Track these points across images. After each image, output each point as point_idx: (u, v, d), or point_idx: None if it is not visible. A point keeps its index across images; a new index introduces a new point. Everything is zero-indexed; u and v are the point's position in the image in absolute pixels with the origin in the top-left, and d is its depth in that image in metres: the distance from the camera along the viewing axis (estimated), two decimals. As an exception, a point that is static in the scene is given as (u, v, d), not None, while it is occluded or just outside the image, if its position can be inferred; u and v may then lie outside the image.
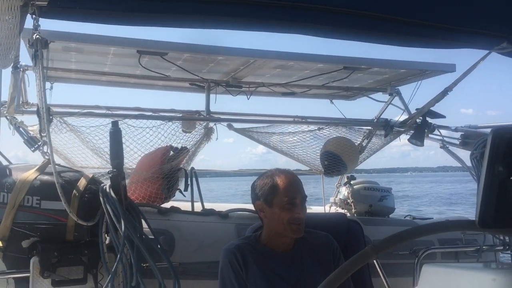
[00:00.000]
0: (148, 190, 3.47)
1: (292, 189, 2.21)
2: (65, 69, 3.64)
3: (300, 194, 2.22)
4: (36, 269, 2.39)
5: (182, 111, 3.86)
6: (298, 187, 2.24)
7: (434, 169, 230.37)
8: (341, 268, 0.90)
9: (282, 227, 2.20)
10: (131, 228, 2.32)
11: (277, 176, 2.25)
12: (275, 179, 2.23)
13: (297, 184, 2.25)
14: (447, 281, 0.92)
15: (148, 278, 2.41)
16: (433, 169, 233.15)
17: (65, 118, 3.43)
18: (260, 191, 2.26)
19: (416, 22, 2.16)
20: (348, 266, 0.90)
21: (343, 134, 4.37)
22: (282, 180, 2.22)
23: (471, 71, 3.37)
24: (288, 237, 2.25)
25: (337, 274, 0.90)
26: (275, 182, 2.22)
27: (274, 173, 2.27)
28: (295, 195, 2.19)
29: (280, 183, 2.21)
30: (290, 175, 2.27)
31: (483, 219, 0.90)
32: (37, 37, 2.30)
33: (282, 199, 2.18)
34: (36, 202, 2.42)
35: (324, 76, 3.91)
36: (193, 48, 3.27)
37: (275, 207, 2.20)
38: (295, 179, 2.26)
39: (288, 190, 2.19)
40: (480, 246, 3.54)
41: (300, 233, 2.22)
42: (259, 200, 2.26)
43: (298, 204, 2.19)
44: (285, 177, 2.23)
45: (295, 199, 2.19)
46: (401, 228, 3.66)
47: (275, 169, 2.33)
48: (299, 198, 2.20)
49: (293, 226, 2.18)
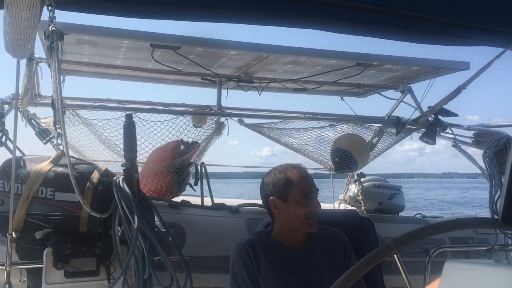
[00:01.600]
0: (159, 184, 3.48)
1: (307, 183, 2.20)
2: (77, 62, 3.65)
3: (315, 187, 2.22)
4: (49, 260, 2.41)
5: (193, 106, 3.87)
6: (311, 181, 2.24)
7: (439, 175, 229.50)
8: (361, 262, 0.89)
9: (298, 222, 2.18)
10: (144, 221, 2.33)
11: (290, 171, 2.23)
12: (288, 174, 2.21)
13: (310, 177, 2.25)
14: (471, 278, 0.91)
15: (159, 271, 2.42)
16: (438, 175, 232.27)
17: (77, 111, 3.44)
18: (273, 187, 2.23)
19: (431, 19, 2.14)
20: (369, 259, 0.89)
21: (354, 131, 4.35)
22: (296, 175, 2.20)
23: (486, 69, 3.35)
24: (302, 232, 2.25)
25: (358, 267, 0.89)
26: (289, 177, 2.20)
27: (287, 169, 2.25)
28: (310, 189, 2.19)
29: (295, 178, 2.20)
30: (303, 170, 2.26)
31: (507, 216, 0.89)
32: (52, 29, 2.31)
33: (298, 194, 2.17)
34: (50, 193, 2.44)
35: (336, 73, 3.90)
36: (206, 42, 3.26)
37: (290, 202, 2.18)
38: (307, 174, 2.26)
39: (304, 184, 2.18)
40: (492, 246, 3.52)
41: (315, 227, 2.21)
42: (272, 196, 2.23)
43: (314, 198, 2.19)
44: (298, 172, 2.22)
45: (311, 193, 2.18)
46: (411, 225, 3.68)
47: (285, 164, 2.30)
48: (314, 192, 2.20)
49: (310, 220, 2.17)
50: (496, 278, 0.88)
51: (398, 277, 3.08)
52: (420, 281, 3.15)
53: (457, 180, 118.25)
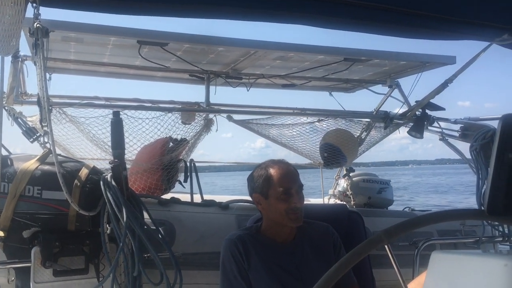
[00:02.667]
0: (148, 181, 3.47)
1: (287, 179, 2.20)
2: (64, 59, 3.61)
3: (296, 183, 2.21)
4: (37, 259, 2.39)
5: (181, 103, 3.86)
6: (292, 176, 2.22)
7: (432, 161, 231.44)
8: (353, 252, 0.90)
9: (281, 217, 2.20)
10: (133, 218, 2.32)
11: (271, 167, 2.24)
12: (269, 171, 2.22)
13: (291, 174, 2.23)
14: (457, 268, 0.92)
15: (149, 269, 2.41)
16: (431, 162, 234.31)
17: (64, 109, 3.42)
18: (255, 184, 2.26)
19: (418, 13, 2.15)
20: (359, 250, 0.90)
21: (343, 126, 4.37)
22: (276, 171, 2.21)
23: (472, 63, 3.38)
24: (288, 227, 2.25)
25: (348, 258, 0.90)
26: (269, 174, 2.21)
27: (268, 165, 2.26)
28: (290, 185, 2.18)
29: (274, 174, 2.20)
30: (284, 165, 2.25)
31: (492, 207, 0.90)
32: (37, 26, 2.28)
33: (277, 190, 2.17)
34: (37, 192, 2.42)
35: (324, 68, 3.91)
36: (193, 38, 3.25)
37: (271, 199, 2.19)
38: (289, 169, 2.24)
39: (283, 180, 2.19)
40: (480, 237, 3.56)
41: (299, 222, 2.21)
42: (256, 192, 2.26)
43: (294, 194, 2.18)
44: (278, 168, 2.22)
45: (290, 189, 2.18)
46: (400, 219, 3.68)
47: (268, 160, 2.31)
48: (295, 188, 2.19)
49: (292, 216, 2.18)
50: (481, 267, 0.89)
51: (387, 270, 3.08)
52: (409, 274, 3.17)
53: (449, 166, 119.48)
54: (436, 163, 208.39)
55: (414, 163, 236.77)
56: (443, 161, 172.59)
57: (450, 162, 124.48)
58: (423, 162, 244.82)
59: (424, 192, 27.87)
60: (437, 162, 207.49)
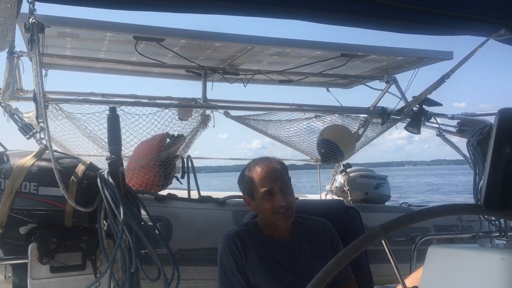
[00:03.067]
0: (145, 177, 3.46)
1: (268, 179, 2.18)
2: (60, 55, 3.60)
3: (279, 181, 2.18)
4: (34, 255, 2.38)
5: (178, 99, 3.85)
6: (274, 175, 2.19)
7: (428, 162, 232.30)
8: (349, 247, 0.90)
9: (269, 217, 2.20)
10: (130, 214, 2.32)
11: (253, 168, 2.23)
12: (251, 172, 2.22)
13: (273, 172, 2.20)
14: (454, 262, 0.92)
15: (146, 265, 2.41)
16: (427, 163, 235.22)
17: (60, 105, 3.40)
18: (242, 185, 2.28)
19: (414, 8, 2.14)
20: (357, 244, 0.90)
21: (340, 122, 4.37)
22: (257, 172, 2.20)
23: (469, 58, 3.37)
24: (279, 225, 2.25)
25: (346, 253, 0.90)
26: (251, 176, 2.21)
27: (250, 166, 2.26)
28: (271, 185, 2.16)
29: (255, 176, 2.20)
30: (265, 165, 2.23)
31: (488, 201, 0.90)
32: (33, 21, 2.27)
33: (260, 191, 2.17)
34: (34, 188, 2.41)
35: (321, 64, 3.90)
36: (190, 34, 3.24)
37: (257, 199, 2.20)
38: (270, 168, 2.21)
39: (264, 181, 2.17)
40: (477, 232, 3.57)
41: (288, 220, 2.20)
42: (244, 194, 2.29)
43: (277, 193, 2.16)
44: (259, 168, 2.21)
45: (272, 188, 2.16)
46: (397, 214, 3.69)
47: (252, 160, 2.31)
48: (278, 186, 2.17)
49: (278, 215, 2.18)
50: (477, 261, 0.89)
51: (384, 265, 3.10)
52: (406, 269, 3.18)
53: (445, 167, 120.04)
54: (431, 164, 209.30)
55: (409, 164, 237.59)
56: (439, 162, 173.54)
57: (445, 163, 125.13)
58: (418, 163, 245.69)
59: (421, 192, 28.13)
60: (433, 163, 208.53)
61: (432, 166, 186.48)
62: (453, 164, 32.33)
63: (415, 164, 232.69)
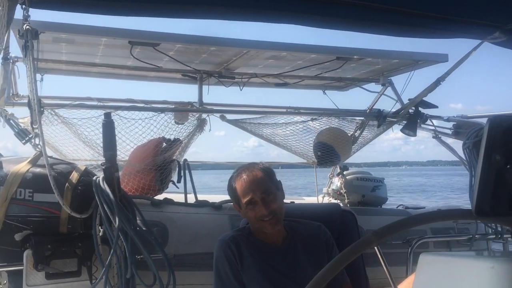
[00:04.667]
0: (141, 182, 3.45)
1: (248, 189, 2.18)
2: (55, 60, 3.60)
3: (259, 191, 2.17)
4: (29, 262, 2.38)
5: (174, 103, 3.85)
6: (256, 185, 2.18)
7: (424, 163, 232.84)
8: (343, 254, 0.90)
9: (256, 224, 2.23)
10: (125, 220, 2.32)
11: (235, 179, 2.25)
12: (235, 182, 2.24)
13: (254, 182, 2.19)
14: (445, 270, 0.92)
15: (142, 270, 2.41)
16: (422, 163, 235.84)
17: (56, 110, 3.39)
18: (229, 194, 2.32)
19: (410, 12, 2.16)
20: (349, 252, 0.90)
21: (336, 125, 4.37)
22: (238, 184, 2.22)
23: (464, 61, 3.38)
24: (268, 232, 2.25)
25: (338, 259, 0.90)
26: (235, 186, 2.24)
27: (234, 176, 2.27)
28: (252, 195, 2.17)
29: (238, 186, 2.22)
30: (245, 175, 2.22)
31: (479, 207, 0.90)
32: (27, 28, 2.27)
33: (242, 200, 2.20)
34: (28, 194, 2.40)
35: (317, 67, 3.91)
36: (185, 38, 3.24)
37: (242, 208, 2.24)
38: (250, 178, 2.20)
39: (244, 192, 2.19)
40: (473, 235, 3.57)
41: (274, 227, 2.20)
42: (233, 202, 2.33)
43: (259, 202, 2.16)
44: (240, 179, 2.22)
45: (253, 198, 2.17)
46: (394, 218, 3.71)
47: (236, 169, 2.31)
48: (258, 196, 2.16)
49: (263, 223, 2.18)
50: (468, 269, 0.89)
51: (381, 268, 3.09)
52: (402, 272, 3.18)
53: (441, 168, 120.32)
54: (427, 165, 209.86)
55: (406, 164, 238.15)
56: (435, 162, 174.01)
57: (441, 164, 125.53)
58: (414, 164, 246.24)
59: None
60: (429, 164, 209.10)
61: (428, 167, 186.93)
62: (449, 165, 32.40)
63: (411, 165, 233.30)
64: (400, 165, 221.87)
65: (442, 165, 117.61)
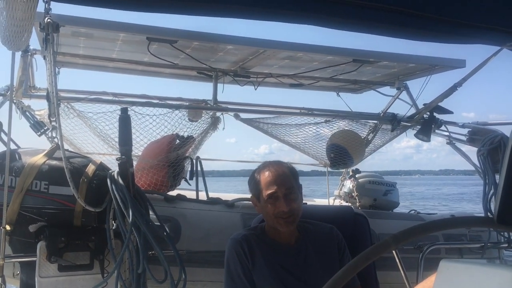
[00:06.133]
0: (154, 178, 3.47)
1: (273, 183, 2.18)
2: (73, 54, 3.63)
3: (284, 186, 2.18)
4: (42, 253, 2.40)
5: (189, 100, 3.86)
6: (281, 180, 2.19)
7: (436, 172, 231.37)
8: (360, 257, 0.89)
9: (271, 221, 2.22)
10: (138, 215, 2.32)
11: (261, 171, 2.26)
12: (259, 175, 2.25)
13: (280, 177, 2.20)
14: (467, 278, 0.91)
15: (153, 265, 2.42)
16: (435, 172, 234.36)
17: (72, 104, 3.43)
18: (249, 186, 2.32)
19: (428, 16, 2.14)
20: (367, 254, 0.90)
21: (350, 127, 4.36)
22: (264, 175, 2.22)
23: (481, 67, 3.35)
24: (282, 230, 2.25)
25: (355, 262, 0.90)
26: (259, 178, 2.23)
27: (259, 168, 2.28)
28: (276, 189, 2.17)
29: (262, 178, 2.22)
30: (273, 168, 2.23)
31: (501, 216, 0.89)
32: (48, 21, 2.29)
33: (265, 193, 2.19)
34: (44, 186, 2.42)
35: (332, 69, 3.89)
36: (203, 36, 3.25)
37: (262, 202, 2.22)
38: (278, 172, 2.22)
39: (269, 185, 2.19)
40: (485, 243, 3.53)
41: (289, 226, 2.20)
42: (252, 194, 2.31)
43: (281, 197, 2.16)
44: (267, 171, 2.23)
45: (276, 193, 2.17)
46: (406, 222, 3.69)
47: (262, 163, 2.33)
48: (282, 191, 2.17)
49: (280, 220, 2.18)
50: (489, 277, 0.88)
51: (391, 273, 3.09)
52: (413, 277, 3.17)
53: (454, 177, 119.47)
54: (440, 174, 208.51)
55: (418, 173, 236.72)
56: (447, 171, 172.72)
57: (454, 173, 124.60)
58: (426, 173, 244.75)
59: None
60: (441, 173, 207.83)
61: (440, 176, 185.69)
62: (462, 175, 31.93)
63: (423, 174, 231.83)
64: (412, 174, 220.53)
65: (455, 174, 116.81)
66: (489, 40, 2.49)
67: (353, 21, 2.15)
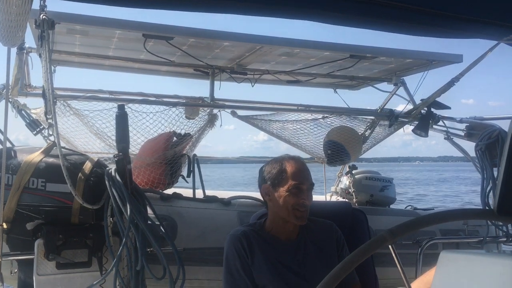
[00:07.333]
0: (151, 176, 3.46)
1: (301, 174, 2.21)
2: (68, 52, 3.60)
3: (309, 181, 2.23)
4: (40, 251, 2.39)
5: (186, 97, 3.85)
6: (307, 174, 2.25)
7: (435, 158, 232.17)
8: (357, 251, 0.89)
9: (286, 212, 2.20)
10: (137, 212, 2.32)
11: (287, 161, 2.26)
12: (284, 164, 2.25)
13: (305, 171, 2.25)
14: (468, 268, 0.91)
15: (151, 263, 2.41)
16: (433, 159, 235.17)
17: (68, 102, 3.41)
18: (268, 174, 2.27)
19: (425, 10, 2.13)
20: (364, 249, 0.89)
21: (347, 124, 4.36)
22: (291, 165, 2.23)
23: (479, 61, 3.36)
24: (292, 224, 2.25)
25: (352, 257, 0.89)
26: (284, 167, 2.23)
27: (284, 158, 2.29)
28: (302, 181, 2.20)
29: (289, 168, 2.22)
30: (300, 162, 2.28)
31: (502, 207, 0.89)
32: (43, 18, 2.27)
33: (290, 183, 2.19)
34: (41, 184, 2.41)
35: (329, 65, 3.89)
36: (199, 33, 3.24)
37: (281, 191, 2.20)
38: (304, 166, 2.27)
39: (296, 175, 2.20)
40: (484, 237, 3.54)
41: (304, 221, 2.21)
42: (266, 183, 2.27)
43: (305, 191, 2.19)
44: (294, 162, 2.25)
45: (302, 184, 2.19)
46: (403, 218, 3.69)
47: (285, 155, 2.34)
48: (307, 185, 2.21)
49: (297, 213, 2.18)
50: (489, 267, 0.88)
51: (390, 269, 3.07)
52: (411, 272, 3.17)
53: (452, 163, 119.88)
54: (438, 160, 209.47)
55: (417, 159, 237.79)
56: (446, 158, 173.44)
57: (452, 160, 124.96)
58: (425, 159, 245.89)
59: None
60: (440, 160, 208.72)
61: (439, 162, 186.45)
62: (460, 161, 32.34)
63: (422, 160, 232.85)
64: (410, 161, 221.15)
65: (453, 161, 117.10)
66: (486, 35, 2.49)
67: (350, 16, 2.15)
